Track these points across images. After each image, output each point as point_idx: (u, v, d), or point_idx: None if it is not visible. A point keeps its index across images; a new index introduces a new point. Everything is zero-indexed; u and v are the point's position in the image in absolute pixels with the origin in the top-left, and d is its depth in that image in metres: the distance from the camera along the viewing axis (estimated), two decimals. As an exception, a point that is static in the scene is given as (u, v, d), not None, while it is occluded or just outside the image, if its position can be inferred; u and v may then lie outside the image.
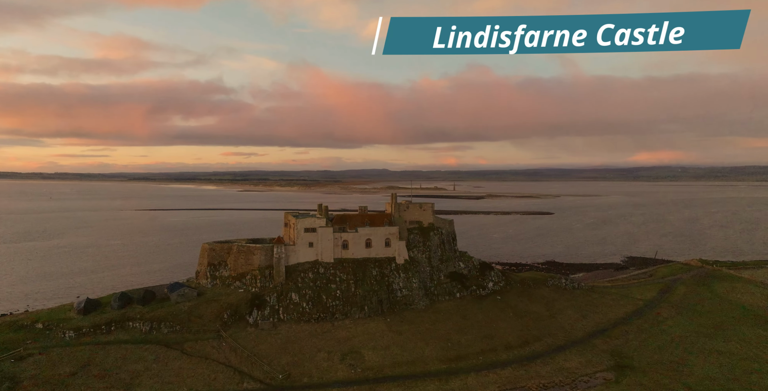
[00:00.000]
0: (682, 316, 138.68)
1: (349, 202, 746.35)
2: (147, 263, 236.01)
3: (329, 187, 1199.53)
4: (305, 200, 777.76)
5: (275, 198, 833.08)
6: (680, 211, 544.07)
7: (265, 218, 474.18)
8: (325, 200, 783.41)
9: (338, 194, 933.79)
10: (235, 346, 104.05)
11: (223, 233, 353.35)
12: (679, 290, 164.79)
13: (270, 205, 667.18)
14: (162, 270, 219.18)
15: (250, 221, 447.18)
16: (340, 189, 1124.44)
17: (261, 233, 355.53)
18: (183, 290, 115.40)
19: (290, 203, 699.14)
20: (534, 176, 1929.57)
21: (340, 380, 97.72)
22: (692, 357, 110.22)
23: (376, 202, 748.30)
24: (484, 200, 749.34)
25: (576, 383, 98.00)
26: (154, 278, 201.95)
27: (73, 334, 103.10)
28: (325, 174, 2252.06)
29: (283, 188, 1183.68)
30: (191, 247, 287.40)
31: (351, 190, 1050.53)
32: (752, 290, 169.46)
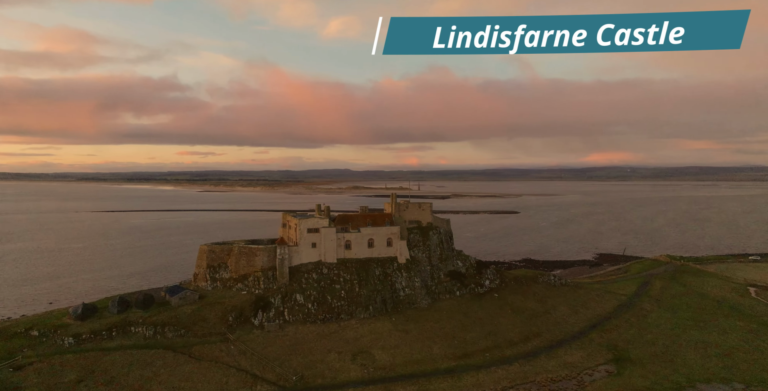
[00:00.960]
0: (663, 309, 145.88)
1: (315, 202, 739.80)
2: (119, 267, 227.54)
3: (293, 188, 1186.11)
4: (272, 201, 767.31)
5: (239, 199, 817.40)
6: (635, 210, 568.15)
7: (238, 220, 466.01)
8: (290, 200, 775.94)
9: (303, 195, 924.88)
10: (245, 349, 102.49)
11: (196, 234, 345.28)
12: (656, 285, 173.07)
13: (234, 205, 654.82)
14: (140, 274, 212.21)
15: (220, 222, 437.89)
16: (305, 189, 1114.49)
17: (236, 234, 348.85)
18: (184, 293, 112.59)
19: (256, 204, 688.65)
20: (494, 176, 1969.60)
21: (353, 380, 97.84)
22: (682, 349, 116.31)
23: (342, 202, 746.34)
24: (450, 199, 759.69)
25: (581, 376, 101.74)
26: (134, 282, 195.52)
27: (73, 340, 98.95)
28: (287, 174, 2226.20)
29: (245, 189, 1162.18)
30: (164, 249, 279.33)
31: (316, 191, 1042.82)
32: (720, 284, 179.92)
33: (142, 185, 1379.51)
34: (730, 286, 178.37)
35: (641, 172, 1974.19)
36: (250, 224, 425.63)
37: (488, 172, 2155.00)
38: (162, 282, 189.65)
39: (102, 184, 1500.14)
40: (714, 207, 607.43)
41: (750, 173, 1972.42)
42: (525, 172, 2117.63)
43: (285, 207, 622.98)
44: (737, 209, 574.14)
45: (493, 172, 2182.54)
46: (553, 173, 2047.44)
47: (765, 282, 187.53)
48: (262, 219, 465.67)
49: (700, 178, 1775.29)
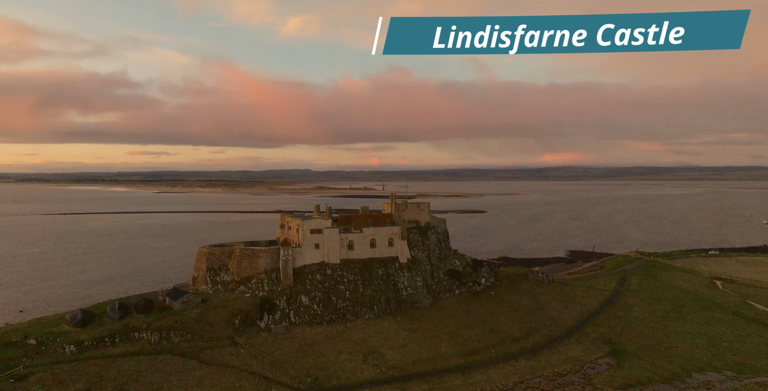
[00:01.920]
0: (645, 303, 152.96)
1: (280, 203, 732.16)
2: (87, 272, 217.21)
3: (255, 188, 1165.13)
4: (235, 202, 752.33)
5: (200, 200, 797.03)
6: (594, 208, 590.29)
7: (204, 222, 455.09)
8: (254, 201, 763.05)
9: (266, 195, 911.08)
10: (255, 352, 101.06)
11: (163, 237, 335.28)
12: (634, 280, 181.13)
13: (197, 207, 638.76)
14: (111, 279, 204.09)
15: (185, 224, 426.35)
16: (267, 190, 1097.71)
17: (209, 237, 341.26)
18: (187, 297, 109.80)
19: (219, 205, 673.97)
20: (454, 176, 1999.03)
21: (367, 380, 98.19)
22: (671, 340, 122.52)
23: (308, 203, 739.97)
24: (416, 199, 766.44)
25: (584, 370, 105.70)
26: (107, 288, 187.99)
27: (75, 348, 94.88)
28: (245, 174, 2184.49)
29: (204, 189, 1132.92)
30: (132, 253, 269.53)
31: (279, 192, 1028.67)
32: (689, 278, 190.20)
33: (92, 186, 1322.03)
34: (699, 279, 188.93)
35: (593, 172, 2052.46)
36: (219, 225, 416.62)
37: (449, 172, 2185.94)
38: (138, 288, 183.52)
39: (46, 185, 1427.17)
40: (664, 205, 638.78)
41: (690, 173, 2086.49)
42: (484, 172, 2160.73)
43: (250, 208, 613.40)
44: (685, 207, 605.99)
45: (453, 172, 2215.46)
46: (511, 173, 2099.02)
47: (728, 275, 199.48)
48: (230, 221, 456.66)
49: (647, 177, 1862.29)
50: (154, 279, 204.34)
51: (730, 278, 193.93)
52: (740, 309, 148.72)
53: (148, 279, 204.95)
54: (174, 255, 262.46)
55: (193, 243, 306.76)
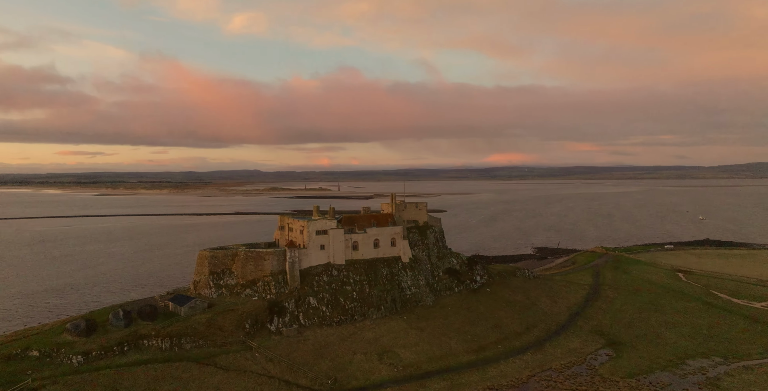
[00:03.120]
0: (624, 296, 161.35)
1: (233, 204, 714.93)
2: (42, 281, 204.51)
3: (205, 190, 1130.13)
4: (186, 204, 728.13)
5: (147, 202, 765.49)
6: (546, 207, 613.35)
7: (158, 225, 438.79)
8: (207, 203, 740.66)
9: (218, 197, 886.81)
10: (271, 356, 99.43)
11: (119, 242, 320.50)
12: (606, 274, 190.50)
13: (146, 210, 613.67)
14: (72, 288, 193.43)
15: (138, 228, 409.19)
16: (218, 191, 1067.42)
17: (170, 240, 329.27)
18: (194, 302, 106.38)
19: (170, 208, 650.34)
20: (405, 176, 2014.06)
21: (386, 379, 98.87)
22: (658, 330, 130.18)
23: (263, 204, 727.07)
24: (374, 199, 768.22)
25: (588, 361, 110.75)
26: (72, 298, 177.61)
27: (82, 359, 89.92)
28: (191, 175, 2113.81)
29: (149, 191, 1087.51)
30: (88, 259, 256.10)
31: (231, 193, 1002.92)
32: (654, 271, 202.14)
33: (19, 189, 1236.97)
34: (663, 272, 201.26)
35: (537, 172, 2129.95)
36: (177, 228, 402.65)
37: (400, 173, 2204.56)
38: (109, 298, 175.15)
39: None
40: (610, 203, 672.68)
41: (626, 172, 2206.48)
42: (435, 172, 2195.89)
43: (203, 211, 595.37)
44: (629, 205, 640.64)
45: (405, 172, 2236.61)
46: (461, 173, 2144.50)
47: (687, 267, 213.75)
48: (186, 224, 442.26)
49: (586, 176, 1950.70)
50: (122, 286, 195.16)
51: (689, 269, 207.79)
52: (708, 299, 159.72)
53: (116, 287, 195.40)
54: (137, 261, 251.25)
55: (154, 248, 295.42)
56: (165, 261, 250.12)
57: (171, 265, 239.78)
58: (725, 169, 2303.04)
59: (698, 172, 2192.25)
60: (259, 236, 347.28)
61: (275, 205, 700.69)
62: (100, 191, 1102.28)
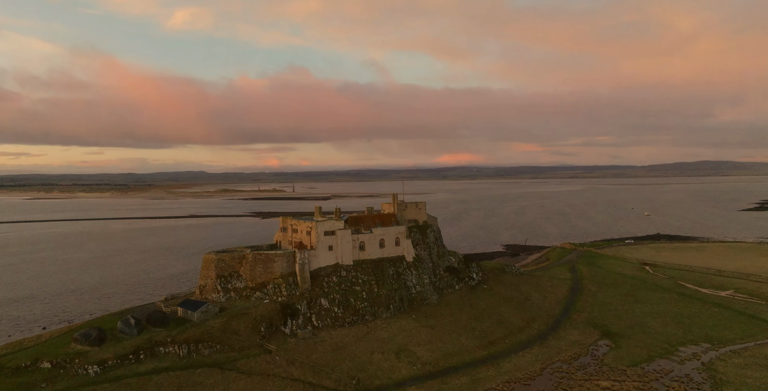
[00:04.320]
0: (604, 289, 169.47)
1: (185, 207, 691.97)
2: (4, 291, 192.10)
3: (151, 192, 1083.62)
4: (135, 207, 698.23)
5: (89, 206, 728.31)
6: (502, 206, 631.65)
7: (112, 229, 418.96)
8: (156, 206, 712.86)
9: (167, 199, 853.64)
10: (292, 358, 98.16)
11: (72, 249, 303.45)
12: (582, 269, 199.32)
13: (90, 214, 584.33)
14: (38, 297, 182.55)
15: (91, 233, 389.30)
16: (166, 194, 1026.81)
17: (128, 245, 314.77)
18: (206, 307, 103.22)
19: (119, 212, 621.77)
20: (357, 177, 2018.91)
21: (407, 377, 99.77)
22: (644, 320, 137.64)
23: (217, 206, 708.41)
24: (332, 200, 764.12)
25: (591, 352, 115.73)
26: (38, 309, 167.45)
27: (99, 369, 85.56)
28: (131, 177, 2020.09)
29: (89, 195, 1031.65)
30: (45, 266, 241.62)
31: (180, 195, 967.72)
32: (623, 265, 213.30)
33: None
34: (631, 265, 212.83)
35: (486, 172, 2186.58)
36: (133, 233, 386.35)
37: (352, 173, 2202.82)
38: (82, 307, 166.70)
39: None
40: (560, 201, 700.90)
41: (567, 171, 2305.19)
42: (386, 173, 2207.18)
43: (154, 214, 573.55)
44: (579, 203, 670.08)
45: (356, 172, 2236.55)
46: (412, 173, 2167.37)
47: (651, 260, 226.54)
48: (140, 227, 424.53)
49: (532, 176, 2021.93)
50: (91, 295, 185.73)
51: (654, 263, 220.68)
52: (678, 289, 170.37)
53: (85, 296, 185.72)
54: (97, 268, 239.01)
55: (112, 254, 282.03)
56: (130, 268, 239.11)
57: (137, 271, 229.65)
58: (656, 168, 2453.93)
59: (632, 171, 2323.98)
60: (222, 239, 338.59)
61: (231, 207, 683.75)
62: (31, 195, 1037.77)
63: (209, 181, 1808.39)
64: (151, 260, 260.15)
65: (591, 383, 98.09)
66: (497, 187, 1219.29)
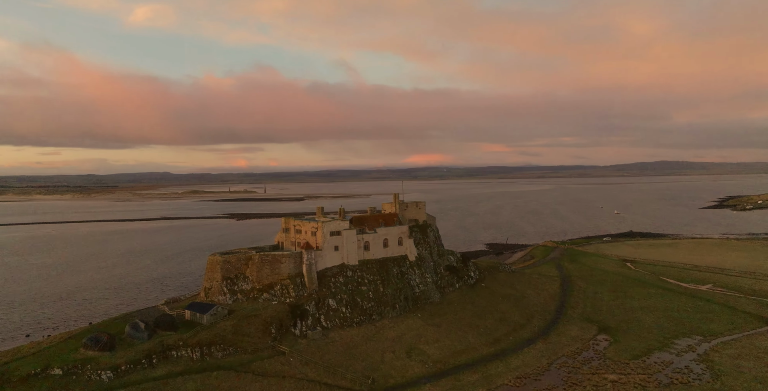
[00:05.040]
0: (592, 285, 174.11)
1: (152, 209, 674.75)
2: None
3: (115, 194, 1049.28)
4: (100, 210, 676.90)
5: (49, 209, 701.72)
6: (477, 205, 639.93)
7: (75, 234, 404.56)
8: (123, 208, 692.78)
9: (135, 202, 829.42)
10: (306, 359, 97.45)
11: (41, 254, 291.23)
12: (567, 266, 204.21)
13: (54, 217, 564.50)
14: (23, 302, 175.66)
15: (54, 238, 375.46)
16: (132, 195, 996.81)
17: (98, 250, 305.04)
18: (215, 310, 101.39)
19: (81, 214, 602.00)
20: (328, 177, 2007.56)
21: (420, 376, 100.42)
22: (636, 315, 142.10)
23: (188, 208, 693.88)
24: (305, 201, 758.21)
25: (592, 346, 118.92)
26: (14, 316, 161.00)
27: (112, 374, 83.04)
28: (90, 179, 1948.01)
29: (48, 197, 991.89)
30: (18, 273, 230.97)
31: (147, 197, 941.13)
32: (605, 261, 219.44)
33: None
34: (612, 262, 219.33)
35: (455, 172, 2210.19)
36: (104, 236, 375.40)
37: (322, 173, 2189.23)
38: (64, 316, 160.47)
39: None
40: (531, 201, 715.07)
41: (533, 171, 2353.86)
42: (356, 173, 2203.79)
43: (123, 216, 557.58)
44: (550, 202, 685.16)
45: (327, 173, 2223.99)
46: (382, 174, 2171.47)
47: (631, 257, 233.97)
48: (110, 230, 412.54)
49: (500, 176, 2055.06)
50: (72, 301, 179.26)
51: (633, 259, 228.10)
52: (662, 284, 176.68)
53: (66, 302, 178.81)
54: (73, 274, 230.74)
55: (86, 258, 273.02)
56: (108, 272, 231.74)
57: (115, 276, 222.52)
58: (617, 168, 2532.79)
59: (595, 171, 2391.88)
60: (200, 242, 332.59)
61: (203, 209, 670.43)
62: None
63: (175, 183, 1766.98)
64: (128, 264, 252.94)
65: (599, 377, 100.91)
66: (468, 187, 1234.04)
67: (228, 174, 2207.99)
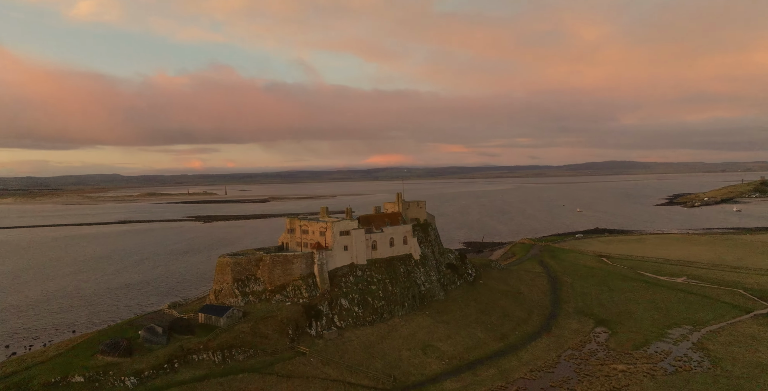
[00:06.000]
0: (578, 280, 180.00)
1: (108, 212, 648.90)
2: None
3: (63, 198, 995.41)
4: (51, 214, 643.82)
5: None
6: (444, 205, 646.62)
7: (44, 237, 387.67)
8: (76, 211, 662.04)
9: (86, 205, 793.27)
10: (327, 359, 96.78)
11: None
12: (549, 262, 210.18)
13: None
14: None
15: (6, 241, 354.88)
16: (82, 198, 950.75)
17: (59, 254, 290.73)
18: (232, 312, 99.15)
19: (32, 219, 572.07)
20: (288, 178, 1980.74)
21: (439, 372, 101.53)
22: (626, 307, 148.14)
23: (148, 211, 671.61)
24: (270, 202, 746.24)
25: (592, 338, 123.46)
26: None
27: (136, 380, 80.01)
28: (30, 181, 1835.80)
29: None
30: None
31: (99, 200, 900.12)
32: (582, 257, 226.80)
33: None
34: (589, 257, 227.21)
35: (416, 172, 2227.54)
36: (62, 241, 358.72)
37: (283, 175, 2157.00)
38: (40, 325, 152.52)
39: None
40: (496, 200, 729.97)
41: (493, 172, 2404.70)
42: (317, 174, 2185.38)
43: (82, 220, 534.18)
44: (514, 201, 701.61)
45: (287, 174, 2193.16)
46: (344, 174, 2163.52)
47: (606, 252, 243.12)
48: (67, 235, 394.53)
49: (460, 176, 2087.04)
50: (44, 310, 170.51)
51: (609, 254, 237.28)
52: (641, 278, 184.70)
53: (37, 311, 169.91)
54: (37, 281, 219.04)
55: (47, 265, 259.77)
56: (74, 279, 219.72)
57: (85, 283, 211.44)
58: (571, 168, 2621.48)
59: (550, 171, 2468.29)
60: (169, 245, 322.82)
61: (163, 211, 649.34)
62: None
63: (126, 185, 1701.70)
64: (94, 270, 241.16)
65: (608, 368, 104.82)
66: (431, 187, 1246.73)
67: (183, 176, 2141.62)
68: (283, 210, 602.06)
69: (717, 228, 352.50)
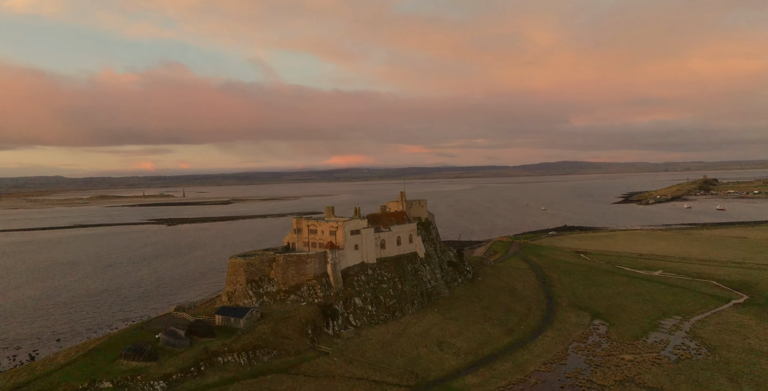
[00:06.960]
0: (563, 276, 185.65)
1: (53, 217, 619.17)
2: None
3: (4, 201, 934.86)
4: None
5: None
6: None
7: None
8: (19, 216, 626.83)
9: (31, 209, 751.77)
10: (350, 358, 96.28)
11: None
12: (531, 259, 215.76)
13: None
14: None
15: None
16: (25, 202, 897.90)
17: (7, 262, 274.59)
18: (251, 313, 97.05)
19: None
20: (246, 180, 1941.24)
21: (458, 367, 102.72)
22: (616, 300, 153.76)
23: (103, 214, 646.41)
24: (233, 204, 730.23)
25: (593, 330, 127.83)
26: None
27: (165, 384, 77.19)
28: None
29: None
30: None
31: (46, 203, 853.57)
32: (560, 254, 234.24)
33: None
34: (567, 253, 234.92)
35: (376, 173, 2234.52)
36: (10, 247, 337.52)
37: (240, 176, 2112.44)
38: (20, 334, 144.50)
39: None
40: (462, 200, 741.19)
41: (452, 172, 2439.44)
42: (276, 175, 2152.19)
43: (30, 225, 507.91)
44: (479, 200, 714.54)
45: (244, 175, 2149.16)
46: (303, 175, 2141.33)
47: (581, 248, 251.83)
48: (14, 241, 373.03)
49: (420, 176, 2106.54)
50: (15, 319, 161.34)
51: (585, 250, 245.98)
52: (621, 272, 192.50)
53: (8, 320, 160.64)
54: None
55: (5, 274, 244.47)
56: (36, 288, 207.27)
57: (50, 292, 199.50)
58: (526, 168, 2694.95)
59: (507, 171, 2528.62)
60: (136, 250, 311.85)
61: (120, 215, 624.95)
62: None
63: (71, 187, 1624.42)
64: (58, 278, 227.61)
65: (616, 358, 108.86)
66: (393, 187, 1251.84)
67: (134, 177, 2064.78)
68: (248, 212, 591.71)
69: (675, 224, 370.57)
